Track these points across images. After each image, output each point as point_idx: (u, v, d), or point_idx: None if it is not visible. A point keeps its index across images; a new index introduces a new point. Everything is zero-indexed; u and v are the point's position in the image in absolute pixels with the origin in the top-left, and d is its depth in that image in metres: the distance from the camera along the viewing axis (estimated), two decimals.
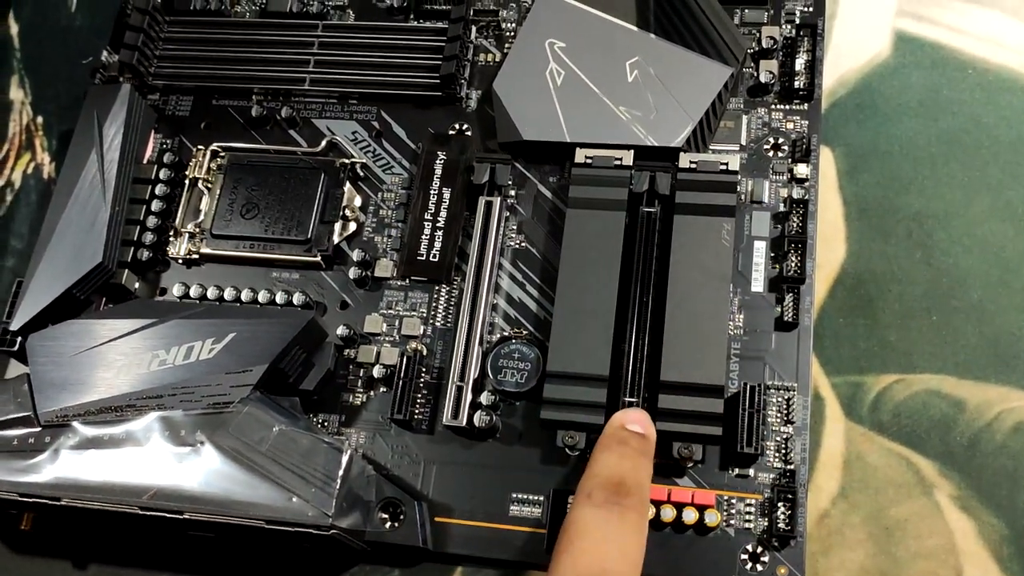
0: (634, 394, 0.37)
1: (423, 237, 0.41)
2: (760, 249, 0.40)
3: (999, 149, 0.40)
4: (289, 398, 0.38)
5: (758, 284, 0.39)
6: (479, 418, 0.38)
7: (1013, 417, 0.36)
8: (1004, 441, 0.36)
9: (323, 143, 0.44)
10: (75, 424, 0.36)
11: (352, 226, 0.42)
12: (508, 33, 0.45)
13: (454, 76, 0.43)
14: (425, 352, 0.40)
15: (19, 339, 0.41)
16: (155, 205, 0.44)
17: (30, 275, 0.41)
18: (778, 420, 0.37)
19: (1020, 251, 0.39)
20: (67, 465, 0.36)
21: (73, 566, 0.39)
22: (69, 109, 0.47)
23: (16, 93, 0.49)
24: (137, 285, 0.43)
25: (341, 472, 0.34)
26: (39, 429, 0.37)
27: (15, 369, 0.42)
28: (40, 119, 0.48)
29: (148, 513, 0.34)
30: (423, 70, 0.44)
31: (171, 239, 0.43)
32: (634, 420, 0.34)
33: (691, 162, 0.40)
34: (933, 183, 0.40)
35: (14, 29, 0.50)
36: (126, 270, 0.42)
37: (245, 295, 0.42)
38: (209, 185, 0.44)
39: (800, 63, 0.41)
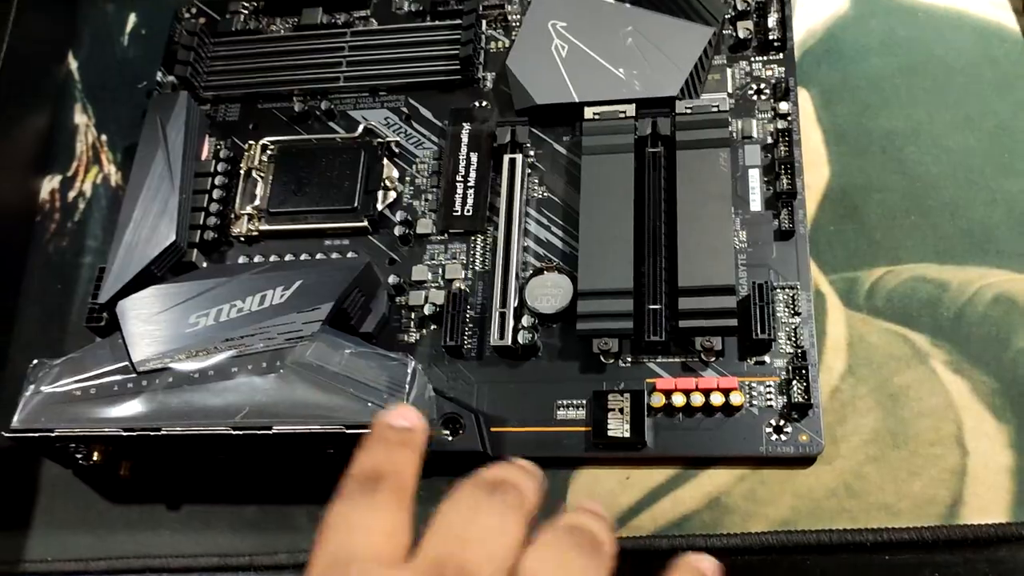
0: (657, 301, 0.42)
1: (456, 196, 0.47)
2: (755, 175, 0.45)
3: (953, 74, 0.46)
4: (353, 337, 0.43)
5: (756, 204, 0.44)
6: (522, 336, 0.43)
7: (991, 290, 0.41)
8: (985, 311, 0.41)
9: (359, 128, 0.50)
10: (169, 366, 0.41)
11: (392, 195, 0.48)
12: (514, 23, 0.51)
13: (471, 58, 0.49)
14: (468, 291, 0.45)
15: (104, 316, 0.46)
16: (216, 194, 0.49)
17: (111, 259, 0.46)
18: (786, 313, 0.42)
19: (982, 155, 0.44)
20: (163, 401, 0.40)
21: (167, 508, 0.44)
22: (129, 127, 0.53)
23: (80, 118, 0.55)
24: (205, 264, 0.48)
25: (408, 379, 0.39)
26: (135, 375, 0.41)
27: None
28: (104, 137, 0.54)
29: (239, 432, 0.39)
30: (443, 60, 0.50)
31: (232, 221, 0.49)
32: (397, 416, 0.32)
33: (686, 107, 0.45)
34: (899, 107, 0.46)
35: (74, 65, 0.56)
36: (195, 249, 0.47)
37: None
38: (262, 174, 0.49)
39: (772, 20, 0.48)
